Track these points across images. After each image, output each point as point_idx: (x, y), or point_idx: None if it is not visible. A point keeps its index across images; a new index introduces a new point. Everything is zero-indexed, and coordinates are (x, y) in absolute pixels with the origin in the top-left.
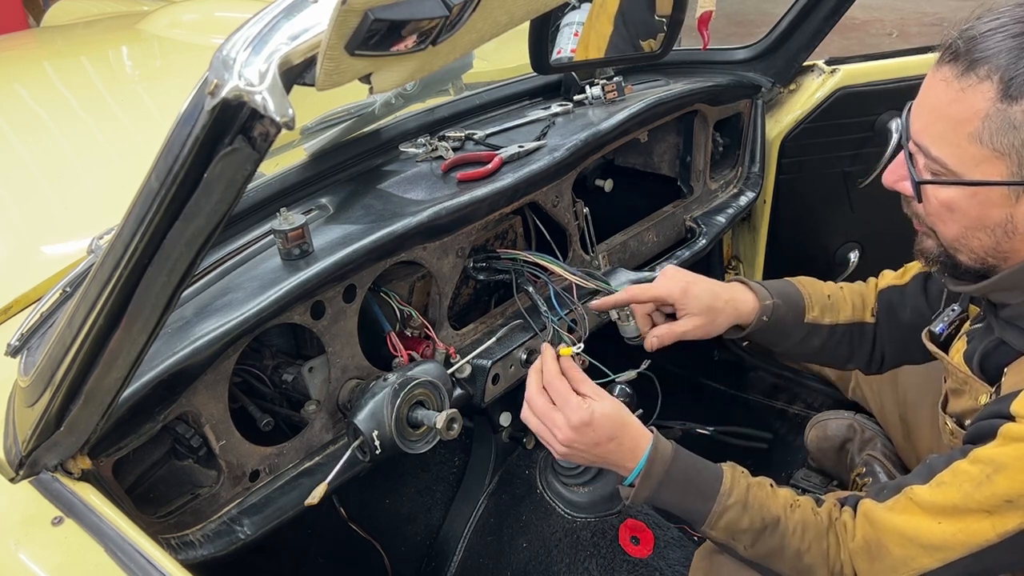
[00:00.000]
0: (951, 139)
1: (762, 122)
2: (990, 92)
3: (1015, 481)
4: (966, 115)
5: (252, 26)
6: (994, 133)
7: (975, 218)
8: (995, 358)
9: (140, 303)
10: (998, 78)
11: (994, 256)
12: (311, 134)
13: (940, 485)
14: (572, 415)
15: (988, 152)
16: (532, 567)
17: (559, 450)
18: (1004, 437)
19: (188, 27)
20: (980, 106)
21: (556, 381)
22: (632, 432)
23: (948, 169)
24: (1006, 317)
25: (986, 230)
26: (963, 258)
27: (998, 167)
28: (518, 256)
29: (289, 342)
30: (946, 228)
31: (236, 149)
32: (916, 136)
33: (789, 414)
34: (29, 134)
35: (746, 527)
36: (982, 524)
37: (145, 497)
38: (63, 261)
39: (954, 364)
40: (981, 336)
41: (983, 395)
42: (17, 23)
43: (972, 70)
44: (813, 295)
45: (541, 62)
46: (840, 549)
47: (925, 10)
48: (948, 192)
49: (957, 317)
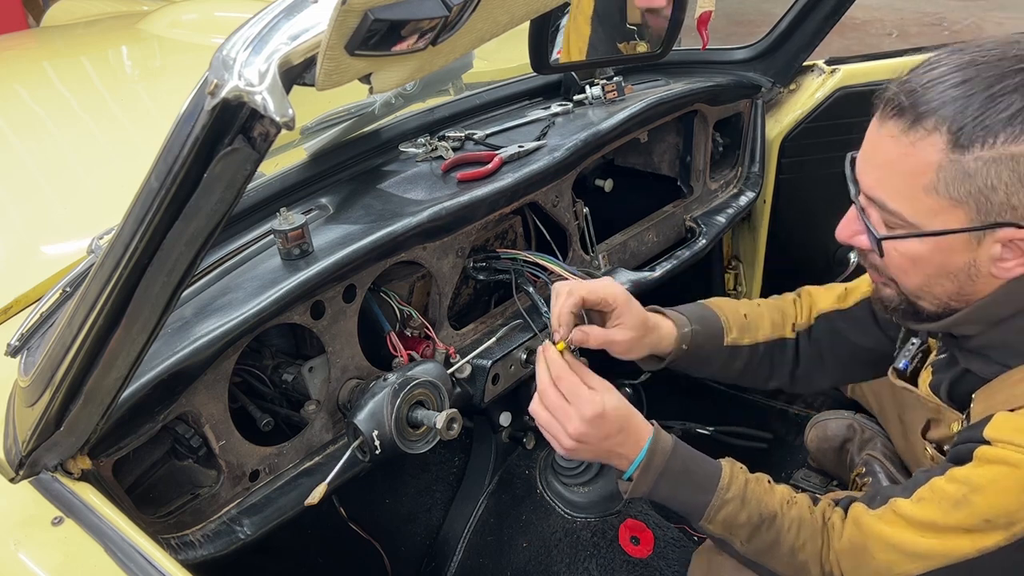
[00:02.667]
0: (906, 192)
1: (762, 122)
2: (940, 143)
3: (993, 502)
4: (919, 168)
5: (252, 26)
6: (949, 183)
7: (938, 266)
8: (962, 386)
9: (140, 303)
10: (946, 129)
11: (957, 300)
12: (311, 134)
13: (920, 501)
14: (585, 408)
15: (945, 202)
16: (532, 567)
17: (567, 444)
18: (979, 459)
19: (188, 27)
20: (932, 158)
21: (567, 375)
22: (636, 424)
23: (906, 221)
24: (970, 348)
25: (949, 276)
26: (925, 304)
27: (957, 215)
28: (518, 256)
29: (289, 342)
30: (908, 279)
31: (236, 149)
32: (869, 191)
33: (789, 414)
34: (29, 134)
35: (743, 522)
36: (961, 540)
37: (145, 497)
38: (63, 261)
39: (923, 395)
40: (946, 367)
41: (955, 423)
42: (17, 23)
43: (919, 123)
44: (730, 317)
45: (541, 62)
46: (829, 549)
47: (925, 10)
48: (909, 244)
49: (919, 350)
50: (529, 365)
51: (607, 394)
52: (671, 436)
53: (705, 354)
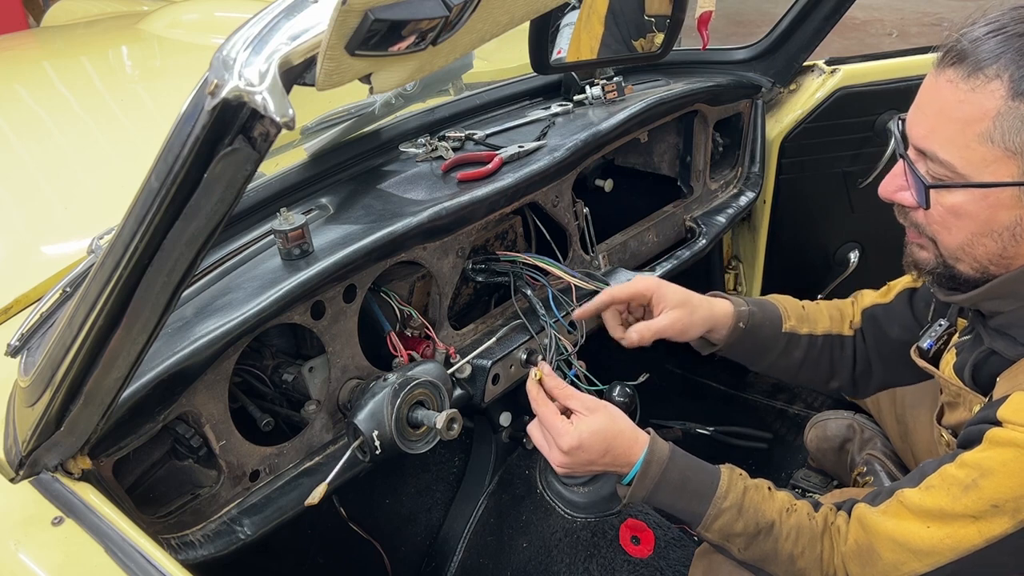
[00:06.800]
0: (959, 141)
1: (762, 122)
2: (1000, 91)
3: (1001, 486)
4: (976, 115)
5: (252, 26)
6: (1006, 132)
7: (983, 222)
8: (987, 368)
9: (140, 303)
10: (1008, 76)
11: (996, 263)
12: (311, 134)
13: (929, 489)
14: (561, 440)
15: (1000, 152)
16: (532, 567)
17: (559, 470)
18: (990, 442)
19: (188, 27)
20: (990, 105)
21: (541, 408)
22: (625, 440)
23: (956, 172)
24: (996, 326)
25: (993, 235)
26: (963, 267)
27: (1009, 167)
28: (517, 258)
29: (289, 342)
30: (950, 236)
31: (236, 149)
32: (919, 142)
33: (789, 414)
34: (29, 134)
35: (740, 531)
36: (968, 529)
37: (145, 497)
38: (63, 261)
39: (945, 377)
40: (970, 348)
41: (977, 405)
42: (17, 23)
43: (979, 70)
44: (788, 306)
45: (541, 62)
46: (834, 554)
47: (925, 10)
48: (956, 197)
49: (945, 332)
50: (530, 365)
51: (586, 419)
52: (668, 444)
53: (763, 338)
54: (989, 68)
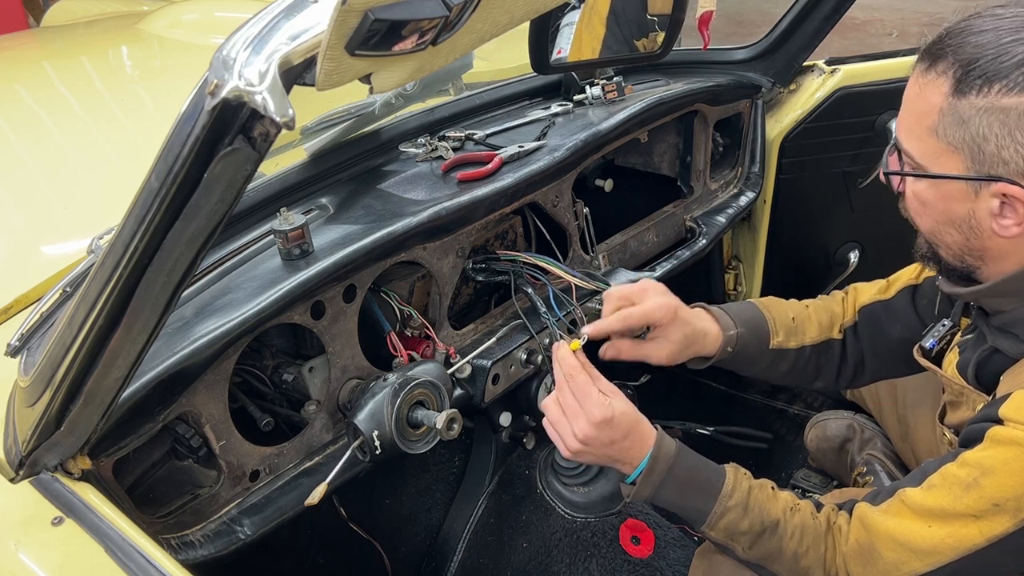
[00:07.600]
0: (916, 132)
1: (762, 122)
2: (944, 87)
3: (1002, 485)
4: (925, 109)
5: (252, 26)
6: (947, 128)
7: (942, 212)
8: (990, 366)
9: (140, 303)
10: (952, 74)
11: (970, 255)
12: (311, 134)
13: (930, 488)
14: (595, 411)
15: (944, 146)
16: (532, 567)
17: (572, 446)
18: (991, 440)
19: (188, 27)
20: (936, 100)
21: (579, 375)
22: (643, 430)
23: (915, 162)
24: (999, 324)
25: (954, 225)
26: (944, 254)
27: (955, 161)
28: (517, 258)
29: (289, 342)
30: (921, 222)
31: (236, 149)
32: (896, 131)
33: (789, 414)
34: (29, 134)
35: (745, 529)
36: (970, 529)
37: (145, 497)
38: (63, 261)
39: (948, 377)
40: (973, 346)
41: (980, 404)
42: (17, 23)
43: (934, 65)
44: (778, 319)
45: (541, 62)
46: (836, 553)
47: (925, 10)
48: (916, 185)
49: (948, 331)
50: (530, 365)
51: (617, 399)
52: (675, 442)
53: (750, 355)
54: (940, 64)
